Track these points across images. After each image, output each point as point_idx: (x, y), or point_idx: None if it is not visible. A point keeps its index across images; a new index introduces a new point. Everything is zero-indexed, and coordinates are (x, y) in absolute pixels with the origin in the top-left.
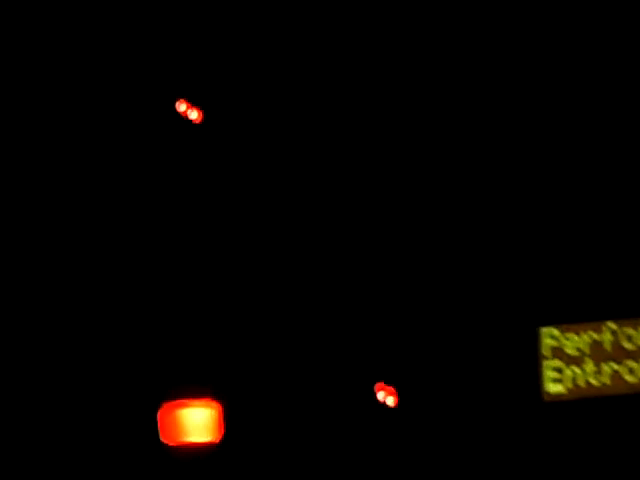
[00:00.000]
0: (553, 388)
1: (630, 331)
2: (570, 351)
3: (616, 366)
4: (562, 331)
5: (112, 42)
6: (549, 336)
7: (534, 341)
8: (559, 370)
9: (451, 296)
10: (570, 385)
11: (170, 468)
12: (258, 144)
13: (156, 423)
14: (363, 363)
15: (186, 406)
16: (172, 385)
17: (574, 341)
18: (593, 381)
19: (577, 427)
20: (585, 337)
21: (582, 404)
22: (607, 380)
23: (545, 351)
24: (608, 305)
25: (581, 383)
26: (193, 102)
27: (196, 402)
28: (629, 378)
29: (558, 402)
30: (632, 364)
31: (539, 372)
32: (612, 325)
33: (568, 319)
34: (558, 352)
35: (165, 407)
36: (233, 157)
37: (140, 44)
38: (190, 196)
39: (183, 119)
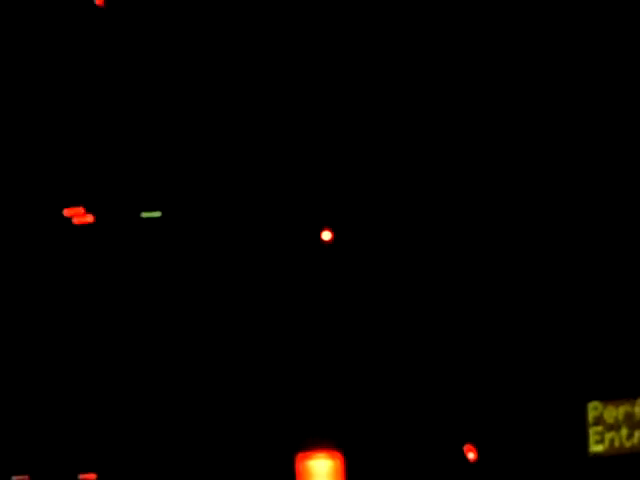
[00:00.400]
0: (595, 448)
1: None
2: (609, 420)
3: None
4: (604, 405)
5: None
6: (594, 408)
7: (583, 412)
8: (601, 434)
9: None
10: (608, 445)
11: None
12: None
13: (294, 471)
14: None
15: (315, 457)
16: (305, 437)
17: (612, 412)
18: (626, 443)
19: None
20: (621, 409)
21: (617, 459)
22: (637, 442)
23: (591, 420)
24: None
25: (617, 444)
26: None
27: (322, 453)
28: None
29: (599, 457)
30: None
31: (586, 435)
32: None
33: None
34: (600, 420)
35: (300, 457)
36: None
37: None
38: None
39: None
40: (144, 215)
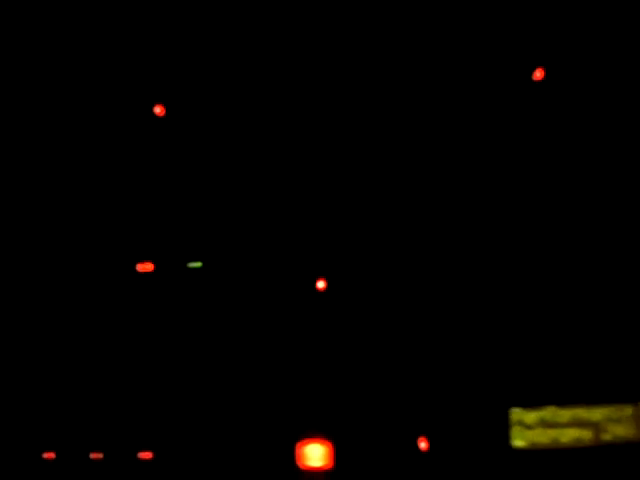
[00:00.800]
0: (517, 443)
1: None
2: (530, 422)
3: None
4: (523, 410)
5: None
6: (515, 413)
7: (507, 414)
8: (521, 432)
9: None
10: (526, 442)
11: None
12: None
13: (294, 454)
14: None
15: (310, 443)
16: (303, 430)
17: (533, 415)
18: (542, 440)
19: (541, 474)
20: (536, 414)
21: (533, 452)
22: (549, 440)
23: (513, 421)
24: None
25: (534, 441)
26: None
27: (316, 441)
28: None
29: (521, 451)
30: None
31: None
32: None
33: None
34: (522, 422)
35: (299, 444)
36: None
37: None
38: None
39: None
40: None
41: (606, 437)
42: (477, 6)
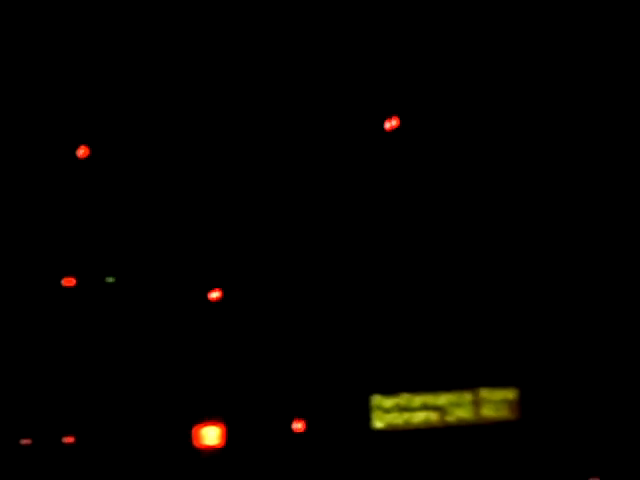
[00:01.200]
0: (377, 425)
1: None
2: (387, 406)
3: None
4: (384, 397)
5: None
6: (375, 399)
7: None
8: (381, 415)
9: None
10: (384, 424)
11: (196, 460)
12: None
13: (190, 435)
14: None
15: (206, 426)
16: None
17: (390, 401)
18: (398, 422)
19: (397, 451)
20: (393, 400)
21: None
22: (403, 422)
23: (373, 405)
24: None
25: (392, 423)
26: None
27: (211, 424)
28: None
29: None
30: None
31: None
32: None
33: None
34: (381, 407)
35: (196, 427)
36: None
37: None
38: None
39: None
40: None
41: (450, 419)
42: None
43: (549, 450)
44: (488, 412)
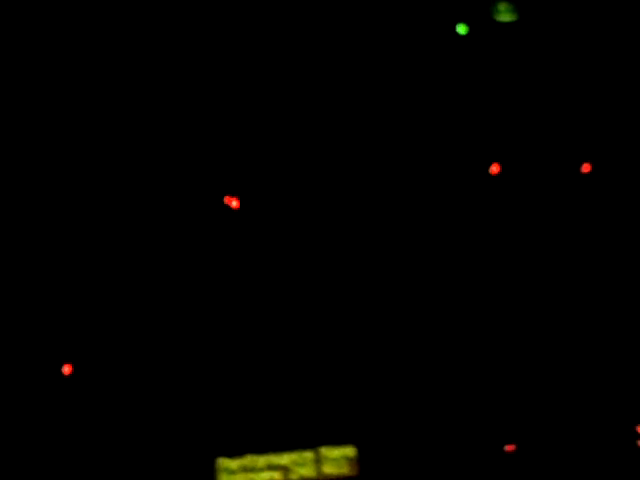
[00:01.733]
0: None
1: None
2: (234, 468)
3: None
4: (230, 459)
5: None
6: (222, 461)
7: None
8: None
9: None
10: None
11: None
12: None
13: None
14: None
15: None
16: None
17: (235, 463)
18: None
19: None
20: (243, 460)
21: None
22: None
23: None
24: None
25: None
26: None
27: None
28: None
29: None
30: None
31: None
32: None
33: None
34: (228, 469)
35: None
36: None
37: None
38: None
39: None
40: None
41: (294, 477)
42: None
43: None
44: (330, 469)
